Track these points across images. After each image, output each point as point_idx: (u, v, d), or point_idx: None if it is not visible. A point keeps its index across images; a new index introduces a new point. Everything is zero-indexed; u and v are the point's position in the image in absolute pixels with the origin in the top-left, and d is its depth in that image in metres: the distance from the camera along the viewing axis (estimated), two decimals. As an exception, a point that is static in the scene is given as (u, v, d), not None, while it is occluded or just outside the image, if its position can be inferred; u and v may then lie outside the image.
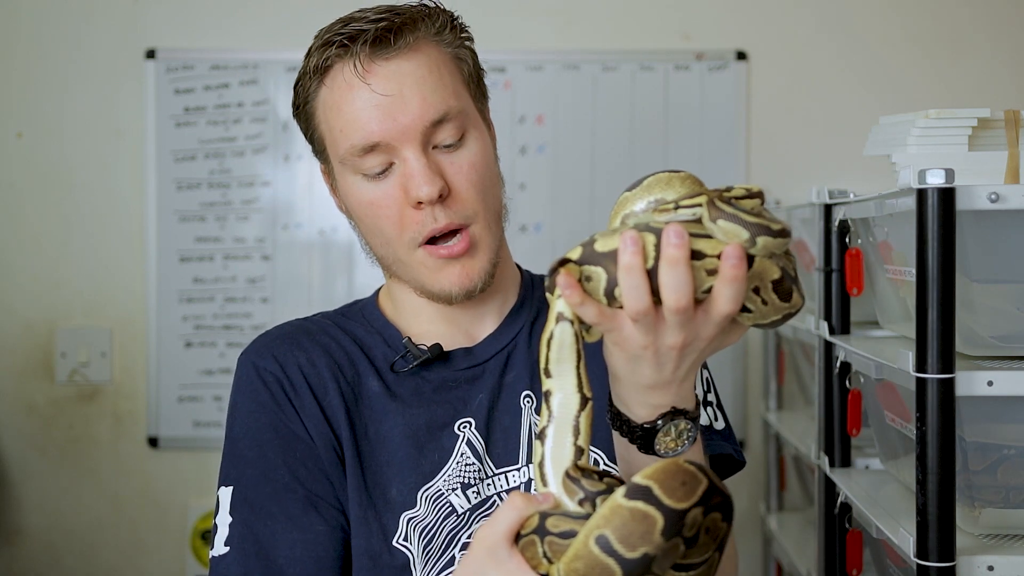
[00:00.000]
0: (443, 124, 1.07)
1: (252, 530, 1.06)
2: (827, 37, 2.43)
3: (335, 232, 2.43)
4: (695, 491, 0.78)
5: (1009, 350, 1.35)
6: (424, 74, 1.07)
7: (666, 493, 0.78)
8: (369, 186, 1.09)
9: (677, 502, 0.78)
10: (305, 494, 1.07)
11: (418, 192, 1.05)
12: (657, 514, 0.77)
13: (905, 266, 1.40)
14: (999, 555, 1.25)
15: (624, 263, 0.81)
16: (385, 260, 1.14)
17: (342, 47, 1.07)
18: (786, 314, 0.86)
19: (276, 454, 1.09)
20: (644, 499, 0.77)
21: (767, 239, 0.81)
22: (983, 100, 1.75)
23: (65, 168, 2.43)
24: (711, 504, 0.79)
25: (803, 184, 2.17)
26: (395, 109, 1.06)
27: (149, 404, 2.43)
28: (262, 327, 2.42)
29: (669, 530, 0.77)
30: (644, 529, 0.77)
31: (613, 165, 2.42)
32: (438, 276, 1.09)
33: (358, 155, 1.07)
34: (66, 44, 2.43)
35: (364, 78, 1.06)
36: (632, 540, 0.77)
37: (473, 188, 1.09)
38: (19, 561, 2.45)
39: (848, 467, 1.66)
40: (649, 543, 0.77)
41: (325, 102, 1.10)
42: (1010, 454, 1.30)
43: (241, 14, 2.44)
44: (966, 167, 1.37)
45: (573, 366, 0.87)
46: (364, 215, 1.11)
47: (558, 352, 0.87)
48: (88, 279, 2.44)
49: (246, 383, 1.12)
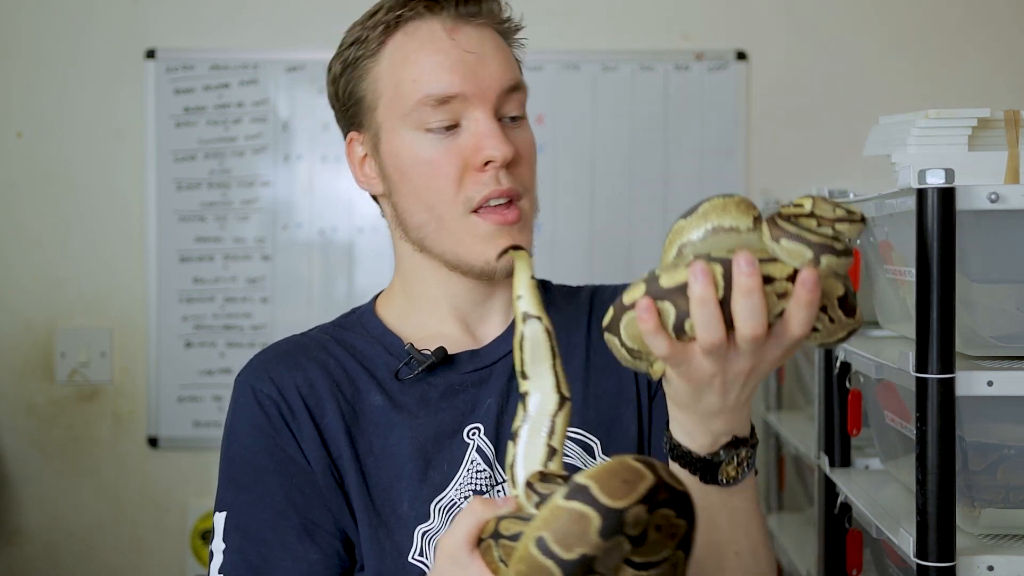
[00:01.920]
0: (513, 94, 1.09)
1: (246, 557, 1.04)
2: (827, 37, 2.43)
3: (335, 232, 2.43)
4: (636, 488, 0.76)
5: (1009, 350, 1.35)
6: (500, 44, 1.10)
7: (604, 492, 0.76)
8: (432, 143, 1.07)
9: (615, 500, 0.76)
10: (300, 521, 1.04)
11: (493, 152, 1.04)
12: (593, 513, 0.75)
13: (905, 266, 1.40)
14: (999, 555, 1.25)
15: (697, 295, 0.79)
16: (422, 231, 1.10)
17: (429, 3, 1.08)
18: (851, 330, 0.85)
19: (272, 480, 1.06)
20: (581, 499, 0.76)
21: (831, 258, 0.80)
22: (983, 100, 1.74)
23: (65, 168, 2.43)
24: (657, 501, 0.77)
25: (803, 184, 2.16)
26: (478, 67, 1.06)
27: (149, 404, 2.43)
28: (262, 327, 2.42)
29: (606, 529, 0.75)
30: (580, 529, 0.75)
31: (613, 165, 2.41)
32: (487, 245, 1.07)
33: (431, 105, 1.06)
34: (66, 44, 2.43)
35: (451, 34, 1.07)
36: (568, 541, 0.76)
37: (529, 166, 1.10)
38: (19, 561, 2.45)
39: (848, 467, 1.66)
40: (586, 543, 0.75)
41: (396, 53, 1.08)
42: (1010, 454, 1.30)
43: (241, 14, 2.44)
44: (966, 167, 1.37)
45: (549, 365, 0.87)
46: (416, 175, 1.08)
47: (532, 352, 0.86)
48: (88, 279, 2.44)
49: (243, 406, 1.09)
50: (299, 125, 2.43)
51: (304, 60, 2.42)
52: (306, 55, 2.42)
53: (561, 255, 2.42)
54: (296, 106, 2.43)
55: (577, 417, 1.10)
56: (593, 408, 1.09)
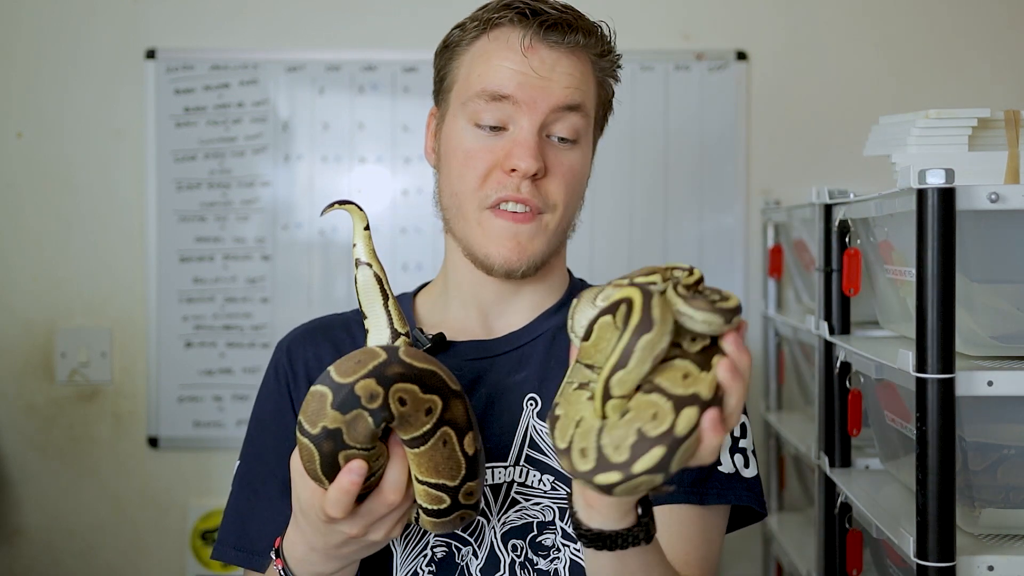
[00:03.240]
0: (567, 114, 1.13)
1: (238, 503, 1.17)
2: (827, 37, 2.43)
3: (335, 232, 2.43)
4: (366, 366, 0.88)
5: (1009, 350, 1.35)
6: (575, 72, 1.15)
7: (338, 372, 0.88)
8: (475, 135, 1.14)
9: (345, 377, 0.87)
10: (284, 479, 1.09)
11: (519, 161, 1.10)
12: (327, 390, 0.87)
13: (905, 266, 1.40)
14: (999, 555, 1.25)
15: None
16: (448, 212, 1.18)
17: (522, 15, 1.14)
18: None
19: (269, 439, 1.17)
20: (322, 381, 0.88)
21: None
22: (983, 100, 1.75)
23: (65, 168, 2.43)
24: (387, 376, 0.88)
25: (803, 184, 2.16)
26: (536, 84, 1.12)
27: (149, 404, 2.43)
28: (262, 327, 2.42)
29: (339, 403, 0.87)
30: (319, 407, 0.87)
31: (613, 165, 2.41)
32: (491, 243, 1.13)
33: (485, 100, 1.13)
34: (66, 44, 2.43)
35: (526, 51, 1.12)
36: (314, 419, 0.88)
37: (564, 186, 1.14)
38: (19, 561, 2.45)
39: (848, 467, 1.66)
40: (324, 417, 0.87)
41: (479, 50, 1.15)
42: (1010, 454, 1.30)
43: (241, 14, 2.44)
44: (966, 167, 1.37)
45: (381, 305, 0.97)
46: (455, 161, 1.15)
47: (365, 295, 0.97)
48: (88, 279, 2.44)
49: (268, 372, 1.22)
50: (299, 125, 2.43)
51: (304, 60, 2.42)
52: (306, 55, 2.42)
53: (561, 255, 2.42)
54: (296, 106, 2.43)
55: None
56: None
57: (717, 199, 2.42)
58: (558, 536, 1.11)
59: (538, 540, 1.11)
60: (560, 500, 1.11)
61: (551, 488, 1.11)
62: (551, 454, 1.12)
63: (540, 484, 1.11)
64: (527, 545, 1.11)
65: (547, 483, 1.11)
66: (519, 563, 1.10)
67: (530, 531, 1.11)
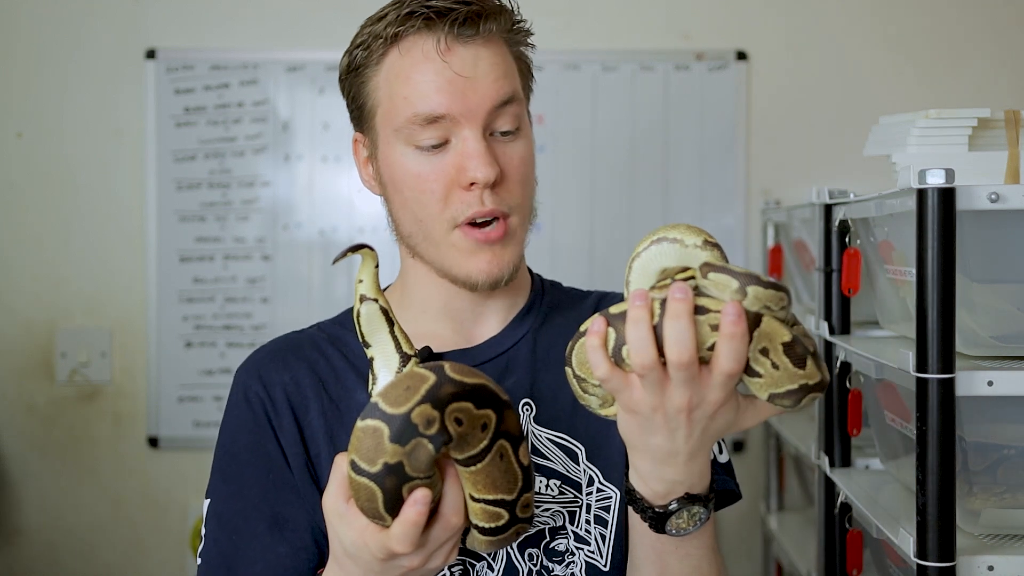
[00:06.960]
0: (505, 108, 1.09)
1: (219, 544, 1.09)
2: (827, 37, 2.43)
3: (335, 232, 2.43)
4: (417, 391, 0.83)
5: (1009, 350, 1.35)
6: (497, 61, 1.10)
7: (388, 402, 0.83)
8: (420, 159, 1.08)
9: (397, 407, 0.82)
10: (272, 515, 1.07)
11: (475, 173, 1.06)
12: (382, 425, 0.82)
13: (905, 266, 1.40)
14: (999, 555, 1.25)
15: (631, 316, 0.83)
16: (412, 239, 1.13)
17: (428, 20, 1.08)
18: (803, 385, 0.85)
19: (251, 473, 1.10)
20: (372, 415, 0.83)
21: (757, 288, 0.82)
22: (983, 100, 1.75)
23: (65, 168, 2.43)
24: (442, 397, 0.83)
25: (803, 184, 2.17)
26: (467, 88, 1.07)
27: (149, 404, 2.43)
28: (262, 327, 2.42)
29: (396, 435, 0.82)
30: (375, 443, 0.82)
31: (613, 165, 2.42)
32: (468, 260, 1.09)
33: (419, 124, 1.07)
34: (66, 44, 2.43)
35: (444, 55, 1.07)
36: (371, 456, 0.83)
37: (520, 183, 1.11)
38: (19, 561, 2.45)
39: (848, 467, 1.66)
40: (384, 453, 0.82)
41: (392, 69, 1.10)
42: (1010, 454, 1.30)
43: (241, 14, 2.44)
44: (966, 167, 1.37)
45: (387, 331, 0.94)
46: (405, 188, 1.10)
47: (368, 325, 0.94)
48: (88, 279, 2.44)
49: (234, 402, 1.14)
50: (299, 125, 2.43)
51: (304, 60, 2.42)
52: (306, 55, 2.42)
53: (560, 255, 2.42)
54: (296, 106, 2.43)
55: (564, 423, 1.12)
56: (582, 415, 1.09)
57: (717, 199, 2.42)
58: (571, 540, 1.10)
59: (551, 546, 1.10)
60: (569, 504, 1.10)
61: (559, 492, 1.11)
62: (555, 458, 1.11)
63: (548, 489, 1.11)
64: (542, 552, 1.10)
65: (554, 488, 1.11)
66: (535, 571, 1.09)
67: (543, 538, 1.10)
